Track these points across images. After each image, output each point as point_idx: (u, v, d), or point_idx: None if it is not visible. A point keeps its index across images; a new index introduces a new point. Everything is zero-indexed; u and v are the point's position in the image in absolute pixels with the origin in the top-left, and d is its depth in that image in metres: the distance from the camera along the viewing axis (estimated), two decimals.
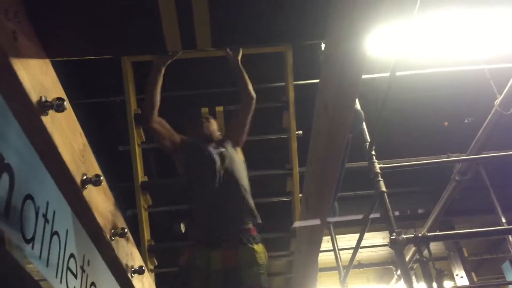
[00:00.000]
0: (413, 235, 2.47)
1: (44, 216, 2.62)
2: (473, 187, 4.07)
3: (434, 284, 2.36)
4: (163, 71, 2.42)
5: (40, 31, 1.43)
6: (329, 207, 2.05)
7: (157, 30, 1.51)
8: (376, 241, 5.77)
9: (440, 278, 2.35)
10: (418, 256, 2.56)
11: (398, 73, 2.46)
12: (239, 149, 2.77)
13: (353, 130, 2.68)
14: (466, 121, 4.87)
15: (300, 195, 3.15)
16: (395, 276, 5.69)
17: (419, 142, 4.77)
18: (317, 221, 2.04)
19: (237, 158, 2.68)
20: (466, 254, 5.47)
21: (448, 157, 3.98)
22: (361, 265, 6.27)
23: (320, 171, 1.81)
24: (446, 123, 4.91)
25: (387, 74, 2.51)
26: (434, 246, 4.98)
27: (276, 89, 3.38)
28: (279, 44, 3.07)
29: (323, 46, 1.96)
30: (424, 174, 4.80)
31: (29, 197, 2.42)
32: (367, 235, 3.55)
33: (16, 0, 1.30)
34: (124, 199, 3.97)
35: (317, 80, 2.37)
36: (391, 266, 6.11)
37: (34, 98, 1.38)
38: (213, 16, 1.51)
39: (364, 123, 2.91)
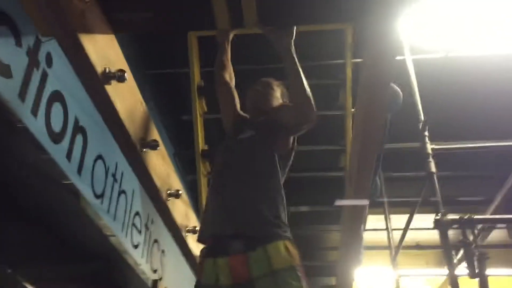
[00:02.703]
0: (458, 217, 2.47)
1: (113, 175, 2.90)
2: None
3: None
4: (227, 47, 2.28)
5: (106, 9, 1.62)
6: (370, 182, 2.12)
7: (206, 8, 1.61)
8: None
9: (482, 262, 2.35)
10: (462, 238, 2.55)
11: (450, 55, 2.43)
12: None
13: (391, 110, 2.64)
14: None
15: None
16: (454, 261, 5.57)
17: (485, 124, 4.60)
18: (358, 202, 2.11)
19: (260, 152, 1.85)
20: None
21: None
22: (418, 247, 6.18)
23: (360, 149, 1.88)
24: None
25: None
26: (497, 234, 4.83)
27: (332, 66, 3.38)
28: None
29: None
30: (489, 158, 4.63)
31: (99, 157, 2.69)
32: (424, 216, 3.54)
33: None
34: (186, 166, 4.22)
35: None
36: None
37: (99, 69, 1.57)
38: None
39: (419, 101, 2.88)
